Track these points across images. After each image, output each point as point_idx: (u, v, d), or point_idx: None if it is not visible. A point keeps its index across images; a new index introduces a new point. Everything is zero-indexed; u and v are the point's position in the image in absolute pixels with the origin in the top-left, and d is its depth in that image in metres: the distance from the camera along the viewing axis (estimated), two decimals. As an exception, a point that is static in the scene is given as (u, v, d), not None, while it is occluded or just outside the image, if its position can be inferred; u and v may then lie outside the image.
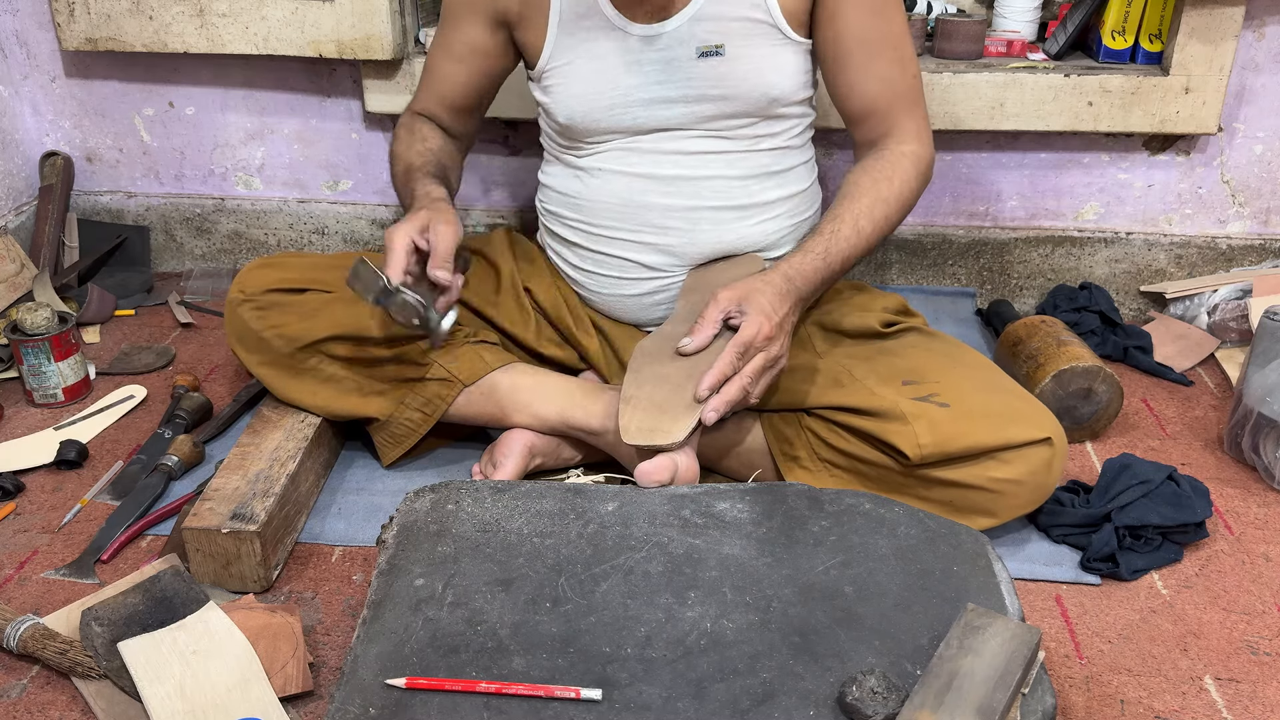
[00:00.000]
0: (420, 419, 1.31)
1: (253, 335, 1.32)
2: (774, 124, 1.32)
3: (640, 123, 1.30)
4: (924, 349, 1.29)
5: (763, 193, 1.33)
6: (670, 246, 1.33)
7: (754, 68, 1.27)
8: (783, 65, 1.28)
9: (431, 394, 1.30)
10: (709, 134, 1.30)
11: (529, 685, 0.87)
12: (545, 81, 1.33)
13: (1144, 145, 1.74)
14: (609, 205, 1.34)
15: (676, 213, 1.32)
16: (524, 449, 1.28)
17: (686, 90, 1.28)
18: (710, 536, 1.03)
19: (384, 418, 1.31)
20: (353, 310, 1.29)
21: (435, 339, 1.25)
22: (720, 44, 1.25)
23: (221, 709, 0.97)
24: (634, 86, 1.28)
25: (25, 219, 1.88)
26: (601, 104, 1.29)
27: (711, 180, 1.31)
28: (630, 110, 1.29)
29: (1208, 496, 1.25)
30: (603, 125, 1.31)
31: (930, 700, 0.82)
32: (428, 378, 1.30)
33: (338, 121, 1.86)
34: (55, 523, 1.29)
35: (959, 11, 1.80)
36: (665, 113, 1.29)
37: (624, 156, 1.32)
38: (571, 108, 1.31)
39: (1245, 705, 1.02)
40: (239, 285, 1.33)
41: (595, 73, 1.29)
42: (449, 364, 1.30)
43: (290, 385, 1.32)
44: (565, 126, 1.33)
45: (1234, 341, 1.67)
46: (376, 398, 1.31)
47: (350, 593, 1.17)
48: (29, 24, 1.84)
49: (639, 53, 1.27)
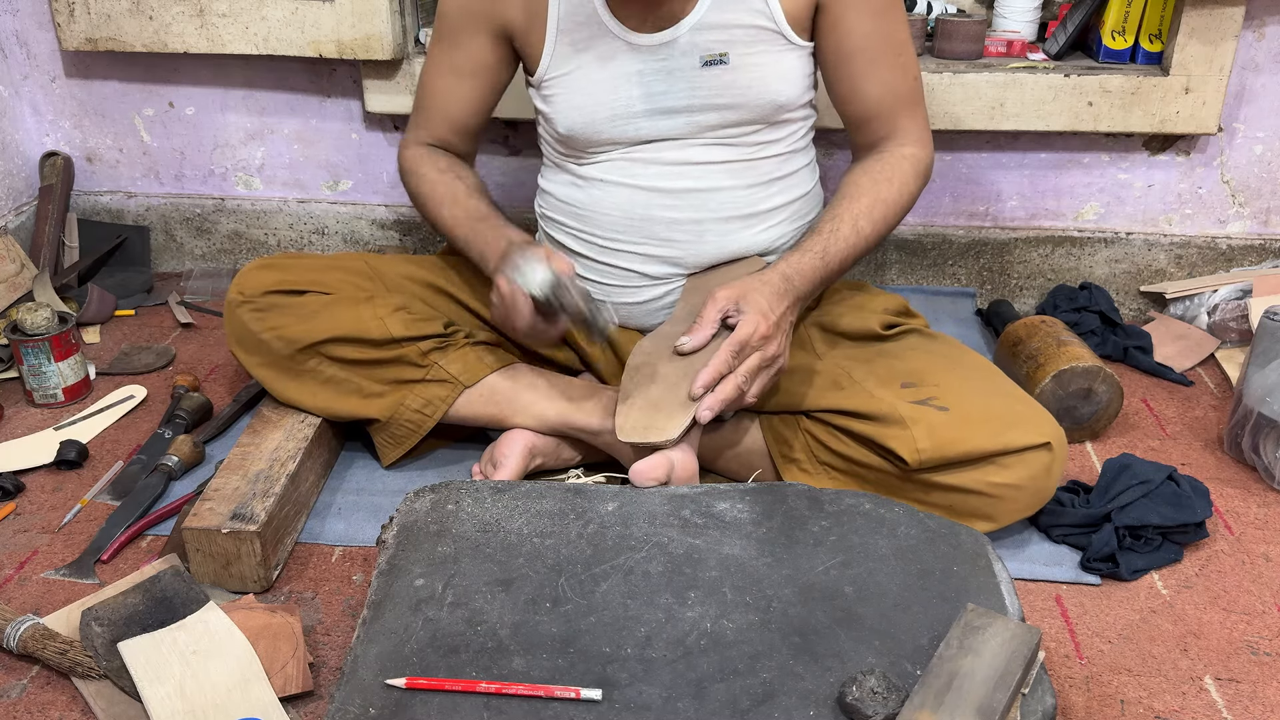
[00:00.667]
0: (420, 420, 1.31)
1: (252, 337, 1.31)
2: (778, 130, 1.30)
3: (642, 133, 1.28)
4: (924, 351, 1.28)
5: (767, 199, 1.32)
6: (675, 257, 1.32)
7: (759, 75, 1.25)
8: (787, 72, 1.27)
9: (432, 395, 1.30)
10: (713, 143, 1.29)
11: (529, 685, 0.87)
12: (545, 91, 1.31)
13: (1144, 145, 1.74)
14: (612, 217, 1.32)
15: (682, 225, 1.30)
16: (524, 449, 1.28)
17: (690, 100, 1.26)
18: (710, 536, 1.03)
19: (384, 419, 1.31)
20: (353, 312, 1.29)
21: (599, 331, 1.18)
22: (724, 53, 1.24)
23: (221, 709, 0.97)
24: (636, 98, 1.26)
25: (25, 219, 1.88)
26: (602, 115, 1.27)
27: (717, 192, 1.29)
28: (633, 121, 1.27)
29: (1208, 496, 1.25)
30: (604, 136, 1.29)
31: (930, 700, 0.82)
32: (428, 379, 1.30)
33: (338, 121, 1.86)
34: (55, 523, 1.29)
35: (959, 11, 1.80)
36: (667, 123, 1.27)
37: (627, 167, 1.30)
38: (572, 119, 1.29)
39: (1245, 705, 1.02)
40: (238, 287, 1.32)
41: (595, 84, 1.27)
42: (449, 365, 1.30)
43: (290, 387, 1.32)
44: (566, 137, 1.31)
45: (1234, 341, 1.67)
46: (377, 399, 1.31)
47: (350, 593, 1.17)
48: (29, 24, 1.84)
49: (640, 63, 1.25)
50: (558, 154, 1.37)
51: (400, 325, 1.29)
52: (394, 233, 1.92)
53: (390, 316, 1.29)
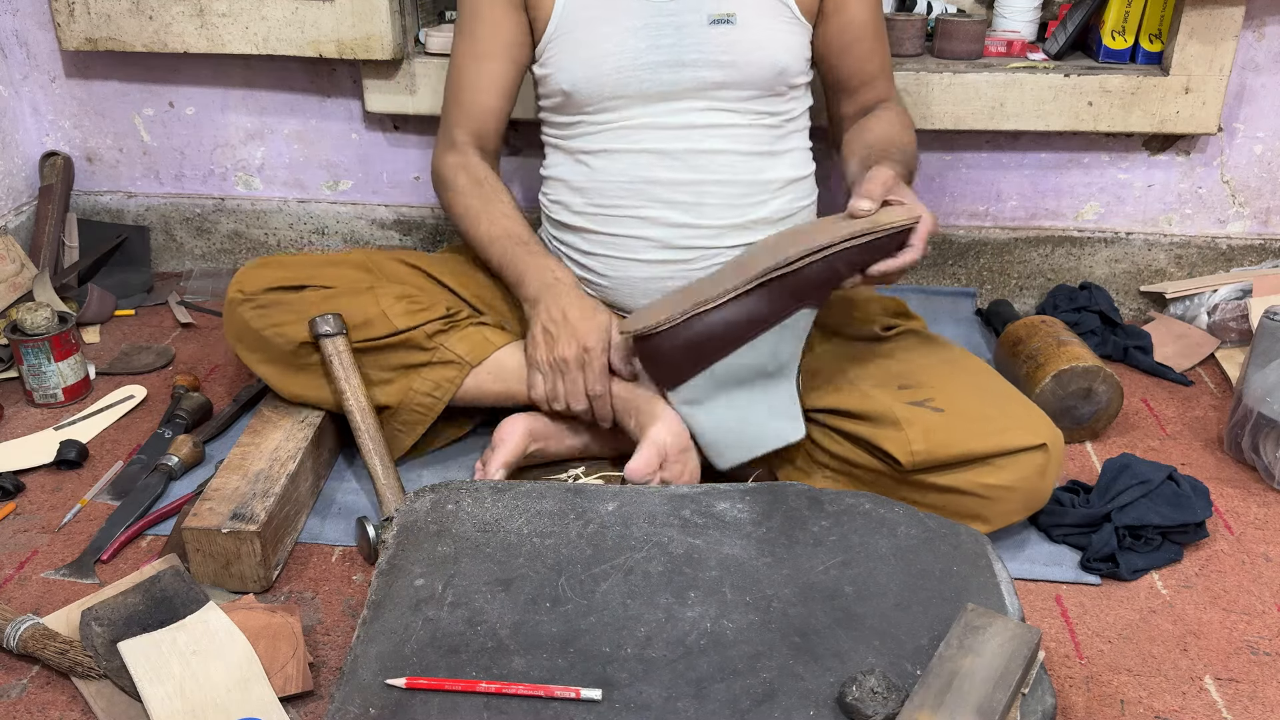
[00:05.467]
0: (431, 403, 1.31)
1: (253, 334, 1.32)
2: (775, 101, 1.33)
3: (646, 88, 1.29)
4: (921, 353, 1.29)
5: (766, 170, 1.33)
6: (677, 220, 1.32)
7: (763, 38, 1.29)
8: (789, 43, 1.32)
9: (440, 377, 1.30)
10: (712, 106, 1.31)
11: (529, 685, 0.87)
12: (549, 52, 1.33)
13: (1144, 145, 1.74)
14: (615, 183, 1.33)
15: (683, 186, 1.31)
16: (523, 432, 1.28)
17: (696, 56, 1.28)
18: (710, 536, 1.03)
19: (394, 405, 1.31)
20: (354, 302, 1.30)
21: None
22: (732, 12, 1.28)
23: (221, 709, 0.97)
24: (642, 49, 1.28)
25: (25, 219, 1.88)
26: (608, 66, 1.29)
27: (716, 155, 1.31)
28: (637, 74, 1.29)
29: (1208, 496, 1.25)
30: (607, 90, 1.30)
31: (930, 700, 0.82)
32: (435, 361, 1.30)
33: (338, 121, 1.86)
34: (55, 523, 1.29)
35: (959, 11, 1.80)
36: (671, 77, 1.29)
37: (627, 134, 1.31)
38: (576, 73, 1.30)
39: (1245, 705, 1.02)
40: (237, 285, 1.33)
41: (603, 36, 1.29)
42: (455, 346, 1.30)
43: (293, 381, 1.32)
44: (568, 95, 1.32)
45: (1234, 341, 1.67)
46: (385, 386, 1.31)
47: (350, 593, 1.17)
48: (29, 24, 1.84)
49: (650, 16, 1.28)
50: (558, 131, 1.38)
51: (403, 312, 1.29)
52: (394, 233, 1.92)
53: (392, 305, 1.30)
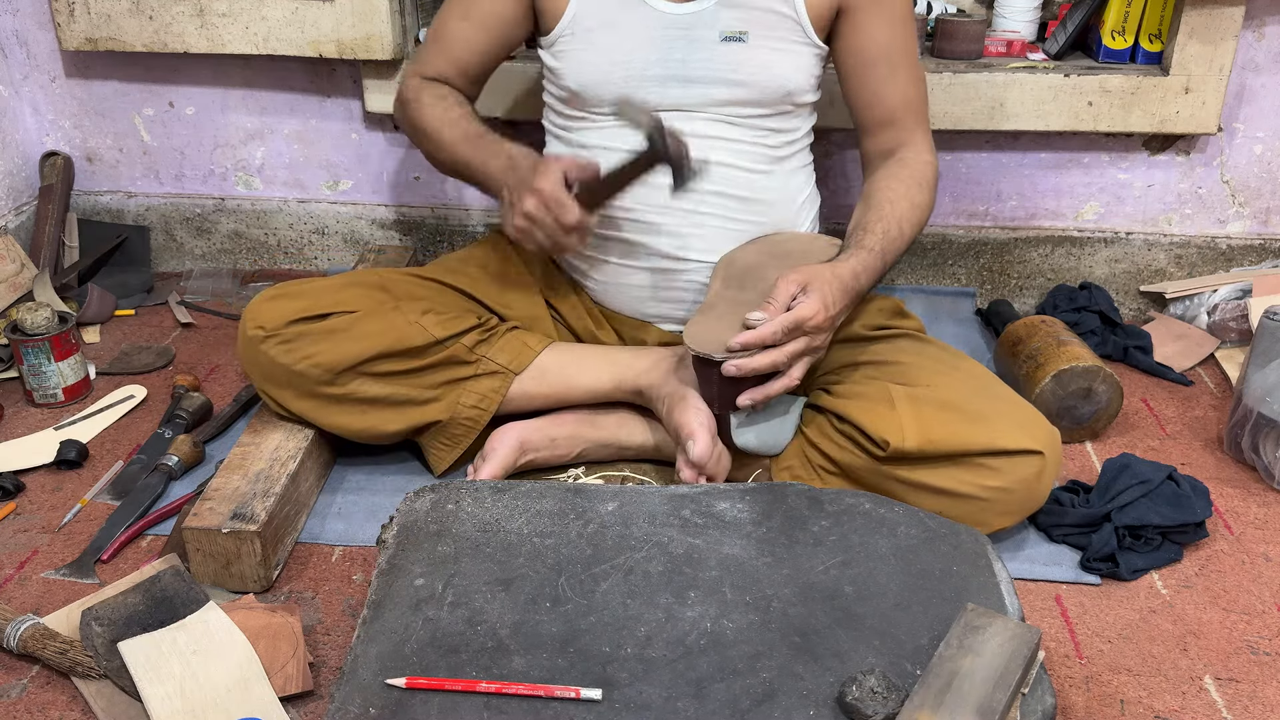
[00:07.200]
0: (478, 415, 1.30)
1: (283, 371, 1.26)
2: (781, 120, 1.33)
3: (652, 99, 1.29)
4: (916, 354, 1.29)
5: (765, 188, 1.33)
6: (671, 227, 1.32)
7: (773, 59, 1.29)
8: (800, 63, 1.30)
9: (485, 389, 1.30)
10: (717, 119, 1.31)
11: (529, 685, 0.87)
12: (560, 46, 1.32)
13: (1144, 145, 1.74)
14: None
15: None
16: (514, 444, 1.29)
17: (705, 72, 1.28)
18: (710, 536, 1.03)
19: (446, 419, 1.30)
20: (385, 322, 1.27)
21: (689, 174, 1.20)
22: (744, 31, 1.28)
23: (221, 709, 0.97)
24: (653, 61, 1.29)
25: (25, 219, 1.88)
26: (617, 75, 1.29)
27: (716, 167, 1.30)
28: (644, 85, 1.29)
29: (1208, 496, 1.25)
30: (613, 96, 1.30)
31: (930, 700, 0.82)
32: (479, 374, 1.30)
33: (338, 121, 1.86)
34: (55, 523, 1.29)
35: (959, 11, 1.80)
36: (679, 92, 1.29)
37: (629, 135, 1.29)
38: (584, 75, 1.30)
39: (1245, 705, 1.02)
40: (255, 322, 1.26)
41: (614, 44, 1.29)
42: (496, 356, 1.30)
43: (333, 414, 1.28)
44: (574, 94, 1.32)
45: (1234, 341, 1.67)
46: (434, 404, 1.29)
47: (350, 593, 1.17)
48: (29, 24, 1.84)
49: (663, 29, 1.28)
50: (560, 122, 1.38)
51: (437, 325, 1.28)
52: (394, 232, 1.92)
53: (423, 319, 1.28)
